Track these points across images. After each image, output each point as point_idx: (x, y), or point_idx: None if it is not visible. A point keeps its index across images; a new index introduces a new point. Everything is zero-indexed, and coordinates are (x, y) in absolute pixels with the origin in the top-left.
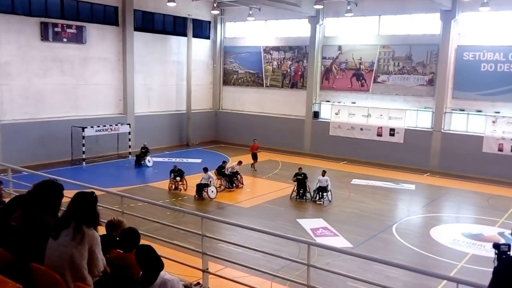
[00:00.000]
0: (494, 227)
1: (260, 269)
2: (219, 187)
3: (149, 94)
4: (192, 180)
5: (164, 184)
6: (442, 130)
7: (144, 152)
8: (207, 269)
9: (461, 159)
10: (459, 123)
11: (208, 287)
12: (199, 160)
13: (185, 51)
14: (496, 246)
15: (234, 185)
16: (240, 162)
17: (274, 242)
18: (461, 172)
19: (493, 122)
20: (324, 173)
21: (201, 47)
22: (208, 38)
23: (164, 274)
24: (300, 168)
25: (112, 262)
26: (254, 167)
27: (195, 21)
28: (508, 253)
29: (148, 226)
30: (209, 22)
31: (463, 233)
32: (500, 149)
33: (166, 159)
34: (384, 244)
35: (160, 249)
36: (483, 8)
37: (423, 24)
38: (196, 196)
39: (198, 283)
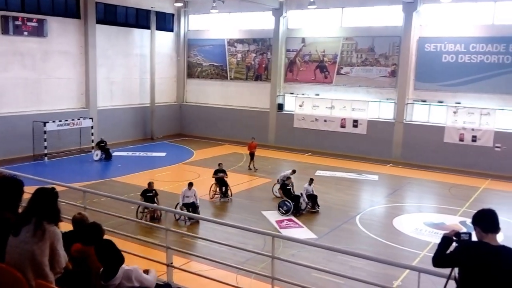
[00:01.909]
0: (456, 216)
1: (225, 262)
2: (213, 195)
3: (112, 87)
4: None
5: (129, 178)
6: (404, 121)
7: (98, 146)
8: (172, 263)
9: (423, 150)
10: (421, 114)
11: (172, 281)
12: (163, 154)
13: (148, 44)
14: (457, 234)
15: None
16: (294, 171)
17: (240, 235)
18: (423, 162)
19: (454, 112)
20: (311, 181)
21: (164, 40)
22: (172, 30)
23: (124, 266)
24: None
25: (73, 256)
26: (254, 167)
27: (158, 14)
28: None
29: (112, 221)
30: (173, 15)
31: (425, 222)
32: (461, 139)
33: (129, 153)
34: (348, 235)
35: (124, 244)
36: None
37: (386, 16)
38: (186, 221)
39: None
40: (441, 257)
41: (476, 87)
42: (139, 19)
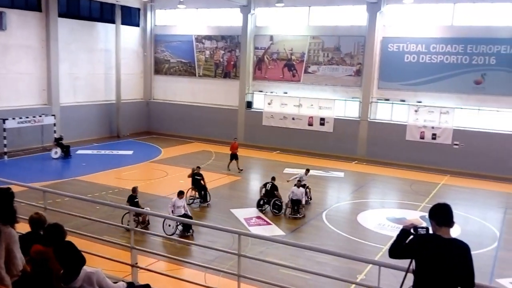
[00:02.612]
0: (416, 211)
1: (192, 261)
2: (193, 200)
3: (75, 83)
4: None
5: (94, 177)
6: (369, 119)
7: (57, 143)
8: (137, 263)
9: (386, 147)
10: (385, 112)
11: (137, 281)
12: (130, 152)
13: (113, 39)
14: (415, 228)
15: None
16: (308, 170)
17: (208, 233)
18: (386, 159)
19: (416, 111)
20: (299, 183)
21: (130, 35)
22: (138, 25)
23: (85, 268)
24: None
25: (32, 258)
26: (238, 168)
27: (124, 8)
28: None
29: (76, 221)
30: (139, 9)
31: (387, 217)
32: (422, 137)
33: (95, 152)
34: (315, 231)
35: (88, 245)
36: (407, 0)
37: (351, 16)
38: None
39: (123, 280)
40: (397, 249)
41: (436, 87)
42: (103, 13)
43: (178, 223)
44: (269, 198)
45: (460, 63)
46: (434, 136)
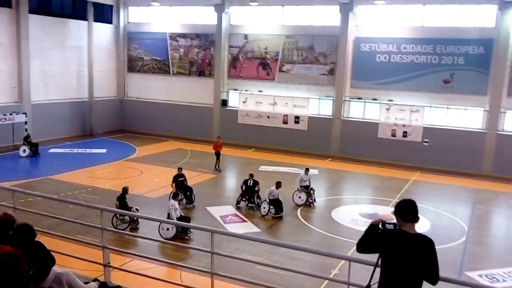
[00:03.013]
0: (388, 206)
1: (166, 260)
2: (180, 201)
3: (47, 81)
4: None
5: (67, 176)
6: (342, 118)
7: (25, 141)
8: (109, 263)
9: (359, 144)
10: (357, 110)
11: (110, 281)
12: (104, 150)
13: (85, 36)
14: (383, 223)
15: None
16: (307, 170)
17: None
18: (359, 156)
19: (387, 109)
20: (278, 185)
21: (103, 32)
22: (111, 22)
23: (56, 268)
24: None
25: (1, 259)
26: (218, 168)
27: (96, 5)
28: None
29: (49, 221)
30: (111, 6)
31: (360, 213)
32: (393, 135)
33: (67, 150)
34: (289, 227)
35: (60, 245)
36: (378, 1)
37: (324, 16)
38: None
39: (96, 279)
40: (364, 243)
41: (407, 86)
42: (75, 9)
43: (172, 226)
44: (250, 194)
45: (430, 62)
46: (405, 134)
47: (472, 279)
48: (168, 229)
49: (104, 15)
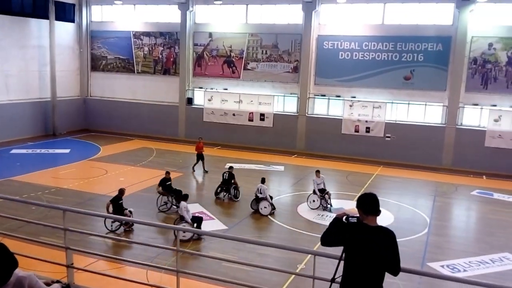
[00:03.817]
0: (353, 201)
1: (131, 260)
2: (164, 205)
3: (7, 81)
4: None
5: (29, 177)
6: (307, 114)
7: None
8: (72, 264)
9: (323, 141)
10: (321, 107)
11: (73, 282)
12: (67, 150)
13: (47, 35)
14: (347, 217)
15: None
16: (318, 172)
17: (150, 230)
18: (323, 152)
19: (350, 106)
20: (262, 180)
21: (65, 31)
22: (73, 21)
23: (18, 271)
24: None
25: None
26: (204, 169)
27: (57, 3)
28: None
29: (10, 223)
30: (73, 5)
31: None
32: (356, 130)
33: (29, 151)
34: (256, 224)
35: (23, 247)
36: (341, 0)
37: (287, 14)
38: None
39: (58, 281)
40: (327, 236)
41: (369, 82)
42: (36, 8)
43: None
44: (227, 186)
45: (391, 60)
46: (367, 129)
47: (434, 269)
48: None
49: (66, 13)
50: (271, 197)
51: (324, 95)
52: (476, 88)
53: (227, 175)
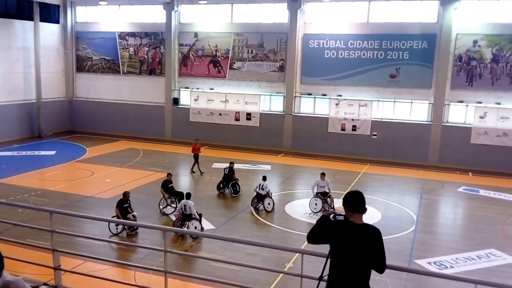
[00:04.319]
0: (340, 199)
1: (119, 261)
2: (165, 207)
3: None
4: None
5: (15, 179)
6: (293, 113)
7: None
8: (59, 266)
9: (310, 139)
10: (308, 106)
11: (60, 284)
12: (53, 152)
13: (32, 36)
14: (334, 216)
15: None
16: (323, 175)
17: (138, 231)
18: (310, 151)
19: (336, 104)
20: (265, 178)
21: (50, 32)
22: (58, 22)
23: (6, 275)
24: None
25: None
26: (199, 171)
27: (42, 4)
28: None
29: None
30: (58, 6)
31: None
32: (343, 129)
33: (15, 153)
34: (244, 223)
35: (10, 250)
36: None
37: (273, 13)
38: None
39: (45, 283)
40: (313, 234)
41: (355, 81)
42: (21, 9)
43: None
44: (228, 181)
45: (376, 58)
46: (354, 128)
47: (421, 266)
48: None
49: (50, 15)
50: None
51: (310, 94)
52: (461, 85)
53: (227, 170)
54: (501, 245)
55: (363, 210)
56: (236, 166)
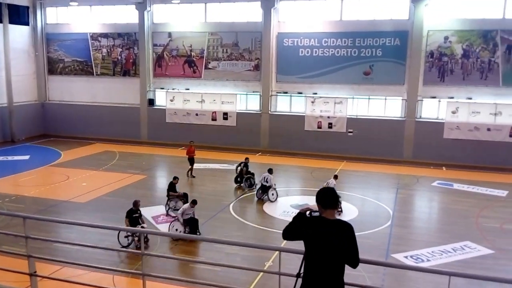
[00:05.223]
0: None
1: (96, 265)
2: (170, 209)
3: None
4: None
5: None
6: (269, 112)
7: None
8: (35, 272)
9: (287, 138)
10: (284, 104)
11: None
12: (26, 157)
13: (1, 38)
14: (310, 213)
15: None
16: (336, 177)
17: (115, 235)
18: (287, 149)
19: (312, 102)
20: (270, 171)
21: (19, 34)
22: (27, 24)
23: None
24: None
25: None
26: (191, 174)
27: (11, 6)
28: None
29: None
30: (27, 7)
31: (291, 204)
32: (319, 126)
33: None
34: (222, 223)
35: None
36: None
37: (247, 12)
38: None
39: None
40: (288, 231)
41: (330, 78)
42: None
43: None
44: (242, 176)
45: (350, 55)
46: (330, 125)
47: (398, 260)
48: (176, 229)
49: (20, 16)
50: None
51: (286, 92)
52: (433, 81)
53: (243, 165)
54: (476, 237)
55: (335, 206)
56: (213, 166)
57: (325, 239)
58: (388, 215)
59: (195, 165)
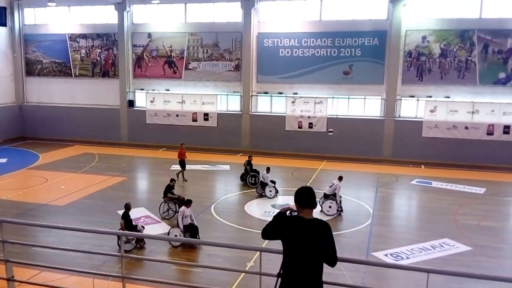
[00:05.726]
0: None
1: (75, 269)
2: (166, 211)
3: None
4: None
5: None
6: (250, 112)
7: None
8: (13, 277)
9: (268, 138)
10: (265, 105)
11: None
12: (4, 160)
13: None
14: (290, 212)
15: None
16: (341, 178)
17: (95, 238)
18: (268, 149)
19: (292, 102)
20: (268, 170)
21: None
22: (5, 25)
23: None
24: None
25: None
26: (183, 177)
27: None
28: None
29: None
30: (4, 8)
31: (272, 204)
32: (300, 126)
33: None
34: (204, 224)
35: None
36: None
37: (227, 13)
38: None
39: None
40: (266, 230)
41: (310, 78)
42: None
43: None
44: (250, 173)
45: (330, 55)
46: (310, 125)
47: (378, 259)
48: (176, 235)
49: None
50: (274, 182)
51: (267, 93)
52: (412, 80)
53: (246, 162)
54: (454, 234)
55: (313, 205)
56: (194, 167)
57: (302, 239)
58: (368, 213)
59: (174, 167)
